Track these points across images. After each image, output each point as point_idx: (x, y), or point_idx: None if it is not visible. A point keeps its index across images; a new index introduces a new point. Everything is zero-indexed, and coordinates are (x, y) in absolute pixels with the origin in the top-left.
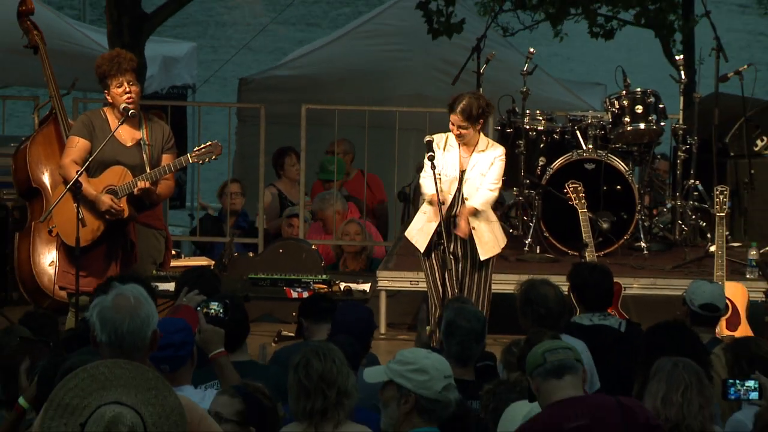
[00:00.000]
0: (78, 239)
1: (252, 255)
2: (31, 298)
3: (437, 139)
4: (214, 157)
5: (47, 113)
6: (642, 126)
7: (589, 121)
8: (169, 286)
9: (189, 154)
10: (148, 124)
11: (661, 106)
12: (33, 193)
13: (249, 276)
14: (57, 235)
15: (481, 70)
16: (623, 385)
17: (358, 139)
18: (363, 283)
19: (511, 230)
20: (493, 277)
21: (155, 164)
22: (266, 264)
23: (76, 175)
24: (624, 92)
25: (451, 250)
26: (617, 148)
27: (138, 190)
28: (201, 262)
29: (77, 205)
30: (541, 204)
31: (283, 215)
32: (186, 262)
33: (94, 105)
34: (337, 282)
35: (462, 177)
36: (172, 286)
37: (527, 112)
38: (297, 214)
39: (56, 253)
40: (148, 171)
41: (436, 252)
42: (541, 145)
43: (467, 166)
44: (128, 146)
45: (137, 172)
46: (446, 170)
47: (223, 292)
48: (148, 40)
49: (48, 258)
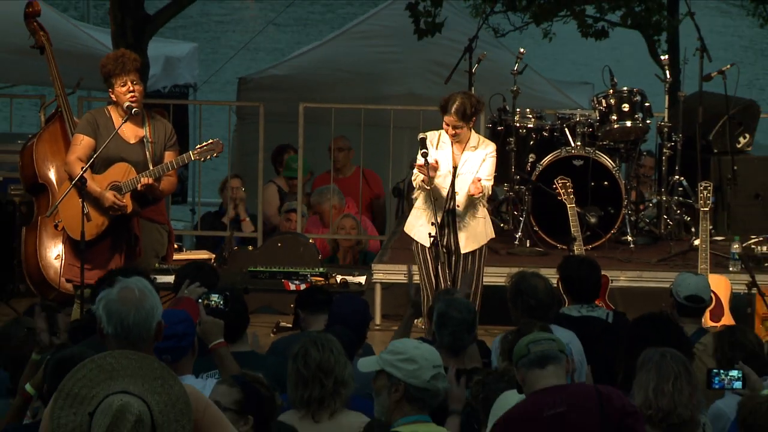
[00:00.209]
0: (83, 233)
1: (251, 248)
2: (38, 290)
3: (430, 137)
4: (215, 155)
5: (53, 111)
6: (628, 124)
7: (578, 119)
8: (170, 279)
9: (191, 152)
10: (151, 122)
11: (646, 104)
12: (39, 188)
13: (248, 269)
14: (63, 230)
15: (473, 70)
16: (610, 375)
17: (354, 136)
18: (359, 275)
19: (501, 225)
20: (484, 270)
21: (158, 161)
22: (265, 257)
23: (81, 172)
24: (611, 91)
25: (444, 243)
26: (604, 145)
27: (141, 186)
28: (202, 255)
29: (82, 200)
30: (531, 199)
31: (281, 210)
32: (187, 256)
33: (99, 104)
34: (334, 275)
35: (455, 173)
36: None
37: (517, 110)
38: (295, 209)
39: (62, 246)
40: (151, 168)
41: (430, 246)
42: (531, 143)
43: (459, 163)
44: (132, 143)
45: (141, 168)
46: (440, 167)
47: (223, 285)
48: (151, 41)
49: (54, 251)
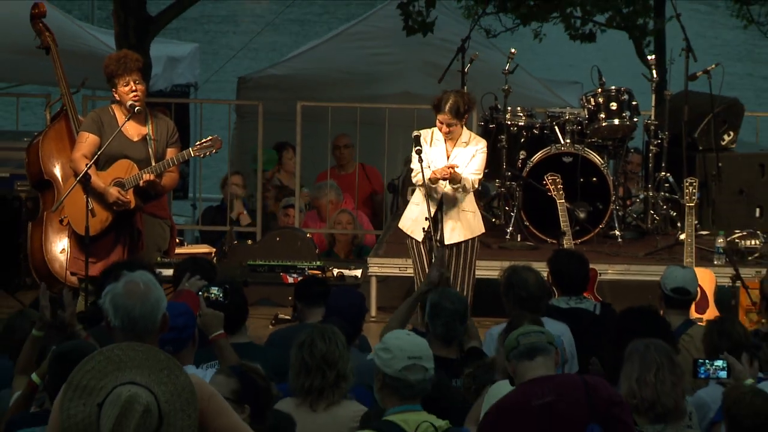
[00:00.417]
0: (87, 228)
1: (251, 243)
2: (43, 283)
3: (424, 134)
4: (214, 151)
5: (58, 110)
6: (616, 122)
7: (567, 117)
8: (170, 272)
9: (191, 148)
10: (154, 120)
11: (634, 103)
12: (45, 184)
13: (248, 262)
14: (68, 224)
15: (466, 70)
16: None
17: (350, 134)
18: (355, 269)
19: (493, 220)
20: (476, 264)
21: (160, 158)
22: (264, 251)
23: (86, 168)
24: (599, 90)
25: (438, 237)
26: (593, 142)
27: (144, 183)
28: (203, 249)
29: (87, 196)
30: (522, 195)
31: (279, 205)
32: (189, 250)
33: (103, 102)
34: (331, 268)
35: None
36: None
37: (509, 108)
38: (293, 205)
39: (67, 240)
40: (153, 164)
41: (423, 239)
42: (522, 140)
43: (450, 158)
44: (135, 141)
45: (143, 165)
46: (434, 163)
47: (223, 278)
48: (153, 42)
49: (59, 246)
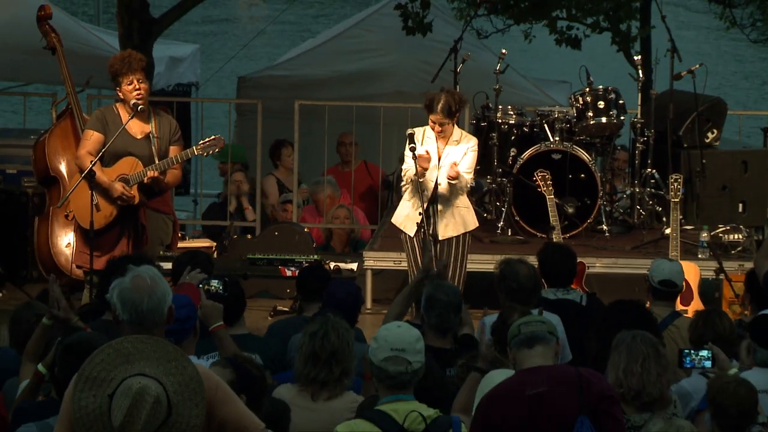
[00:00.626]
0: (92, 223)
1: (250, 237)
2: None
3: (417, 132)
4: (217, 150)
5: (64, 108)
6: (604, 120)
7: (556, 116)
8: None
9: (194, 147)
10: (157, 119)
11: (621, 101)
12: (51, 181)
13: (247, 256)
14: (73, 219)
15: (458, 70)
16: (583, 355)
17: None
18: (351, 262)
19: (485, 215)
20: (468, 257)
21: (163, 155)
22: (263, 245)
23: (91, 165)
24: (587, 89)
25: (431, 232)
26: (581, 140)
27: (148, 179)
28: (204, 243)
29: (92, 191)
30: (513, 191)
31: (278, 201)
32: (190, 244)
33: (107, 101)
34: (328, 261)
35: (439, 166)
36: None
37: (500, 107)
38: (291, 200)
39: (73, 235)
40: (157, 162)
41: (417, 234)
42: (513, 138)
43: (442, 156)
44: (138, 139)
45: (147, 162)
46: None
47: (222, 271)
48: (156, 42)
49: (65, 240)
